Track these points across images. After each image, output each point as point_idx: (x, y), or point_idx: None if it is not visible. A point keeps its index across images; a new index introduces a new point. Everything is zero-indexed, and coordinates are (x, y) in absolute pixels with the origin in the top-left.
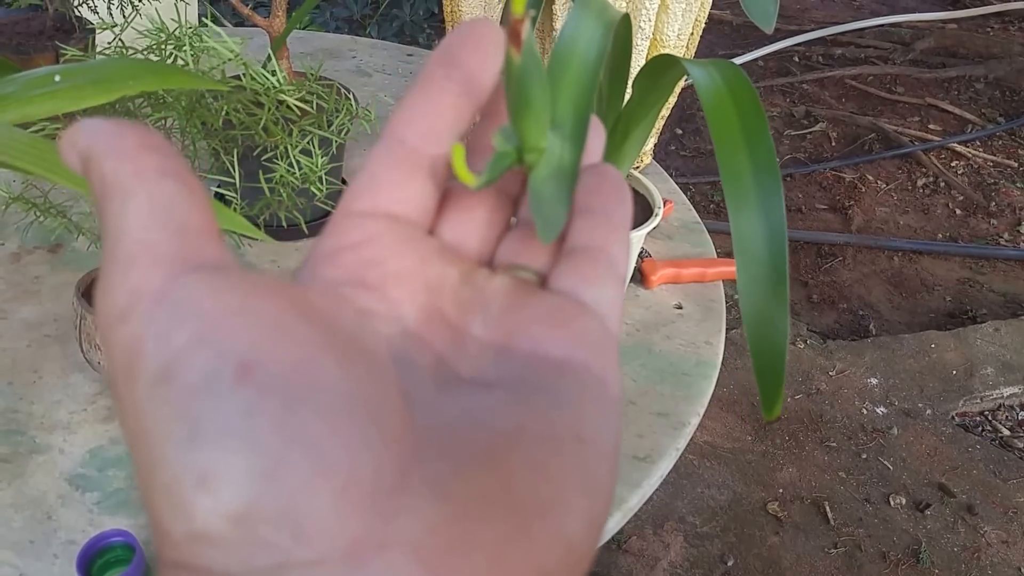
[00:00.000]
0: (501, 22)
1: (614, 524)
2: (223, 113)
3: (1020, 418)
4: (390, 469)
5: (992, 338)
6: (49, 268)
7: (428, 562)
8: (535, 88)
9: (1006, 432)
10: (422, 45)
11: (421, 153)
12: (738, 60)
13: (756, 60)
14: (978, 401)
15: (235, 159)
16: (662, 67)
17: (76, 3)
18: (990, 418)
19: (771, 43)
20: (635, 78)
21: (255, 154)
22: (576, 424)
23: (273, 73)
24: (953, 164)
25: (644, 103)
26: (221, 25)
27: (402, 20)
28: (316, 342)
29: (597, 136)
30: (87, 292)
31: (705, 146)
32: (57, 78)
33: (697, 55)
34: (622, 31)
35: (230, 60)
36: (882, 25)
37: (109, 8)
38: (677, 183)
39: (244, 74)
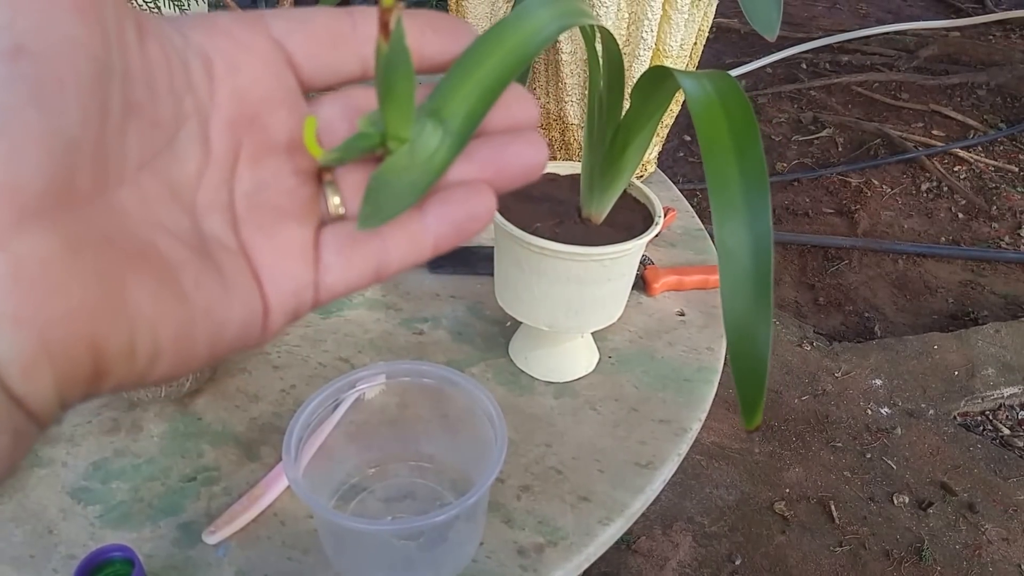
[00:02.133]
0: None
1: (616, 529)
2: None
3: (1020, 417)
4: (42, 194)
5: (993, 339)
6: None
7: (20, 278)
8: (400, 79)
9: (1006, 431)
10: None
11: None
12: (746, 67)
13: (764, 67)
14: (979, 401)
15: None
16: (657, 78)
17: None
18: (991, 418)
19: (779, 50)
20: (632, 89)
21: None
22: None
23: None
24: (956, 169)
25: (643, 114)
26: None
27: None
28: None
29: (526, 107)
30: None
31: None
32: None
33: (705, 63)
34: (611, 45)
35: None
36: (887, 33)
37: None
38: (685, 189)
39: None
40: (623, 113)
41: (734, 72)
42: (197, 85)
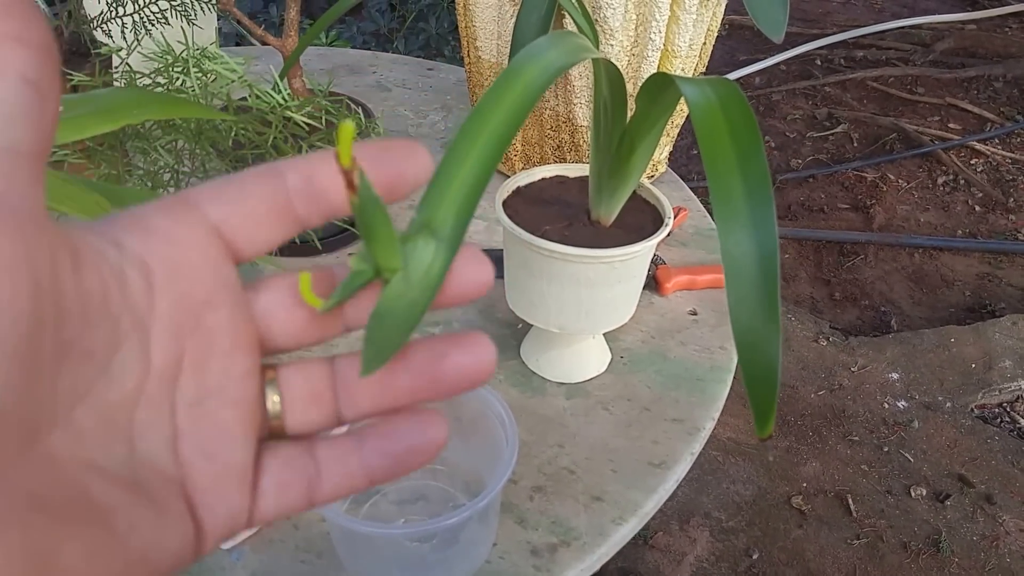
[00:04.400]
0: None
1: (630, 529)
2: (232, 133)
3: None
4: None
5: (1010, 331)
6: None
7: None
8: (377, 221)
9: None
10: (447, 57)
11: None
12: (760, 65)
13: (779, 64)
14: (996, 393)
15: None
16: (660, 85)
17: (93, 26)
18: (1008, 409)
19: (793, 47)
20: (637, 95)
21: None
22: None
23: (279, 92)
24: (972, 162)
25: (648, 118)
26: (249, 44)
27: (428, 33)
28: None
29: (478, 270)
30: None
31: None
32: (60, 108)
33: (718, 60)
34: (609, 69)
35: (233, 82)
36: (902, 27)
37: (123, 32)
38: (699, 187)
39: (249, 94)
40: (629, 118)
41: (748, 70)
42: (135, 302)
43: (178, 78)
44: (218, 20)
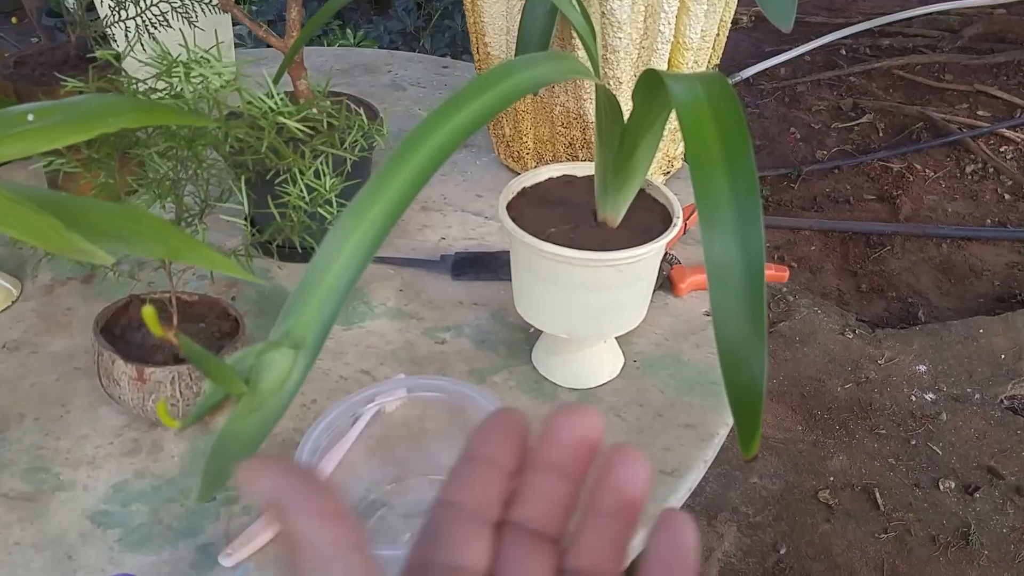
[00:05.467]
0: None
1: (641, 540)
2: (228, 139)
3: None
4: None
5: None
6: (81, 299)
7: None
8: (205, 363)
9: None
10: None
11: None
12: (785, 56)
13: (804, 55)
14: None
15: (242, 185)
16: (652, 81)
17: (98, 32)
18: None
19: (819, 37)
20: (633, 92)
21: (268, 178)
22: None
23: (271, 96)
24: (1002, 149)
25: (646, 116)
26: (267, 46)
27: (454, 30)
28: None
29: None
30: (106, 327)
31: (760, 141)
32: (30, 117)
33: (745, 52)
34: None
35: (222, 87)
36: (930, 14)
37: (126, 35)
38: None
39: (241, 100)
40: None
41: (772, 61)
42: None
43: (177, 84)
44: (235, 24)
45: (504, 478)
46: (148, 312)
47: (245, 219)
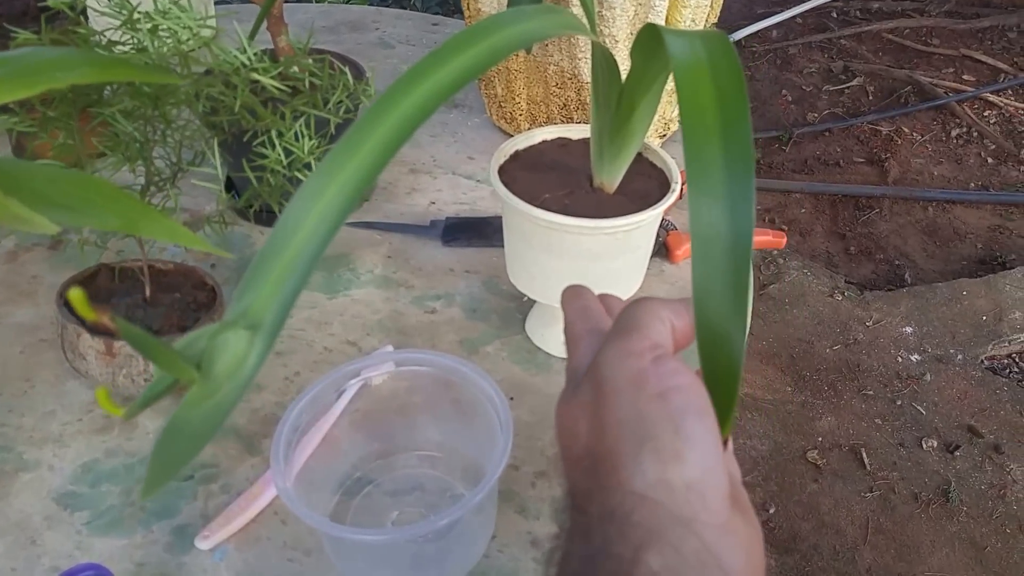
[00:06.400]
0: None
1: None
2: (201, 98)
3: None
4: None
5: (1021, 283)
6: (48, 267)
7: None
8: (148, 348)
9: None
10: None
11: None
12: (777, 18)
13: (795, 17)
14: (1006, 344)
15: (216, 147)
16: (651, 38)
17: None
18: (1017, 360)
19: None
20: (631, 49)
21: (245, 140)
22: None
23: (244, 51)
24: (986, 114)
25: (646, 75)
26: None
27: None
28: None
29: None
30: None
31: (752, 103)
32: None
33: (736, 14)
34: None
35: (188, 41)
36: None
37: None
38: None
39: (210, 55)
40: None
41: (765, 23)
42: None
43: (144, 39)
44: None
45: None
46: (76, 295)
47: (225, 184)
